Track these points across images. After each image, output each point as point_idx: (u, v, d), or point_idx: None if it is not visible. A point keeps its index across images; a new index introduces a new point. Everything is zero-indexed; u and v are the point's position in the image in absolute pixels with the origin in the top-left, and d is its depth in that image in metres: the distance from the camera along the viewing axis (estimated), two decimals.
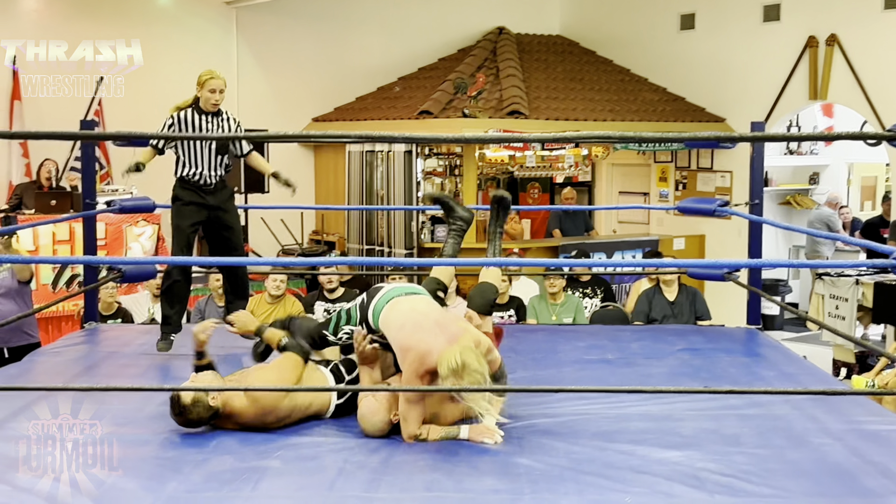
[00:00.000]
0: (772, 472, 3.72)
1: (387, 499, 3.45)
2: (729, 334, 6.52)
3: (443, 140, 3.39)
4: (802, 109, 11.72)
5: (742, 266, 6.40)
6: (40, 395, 4.59)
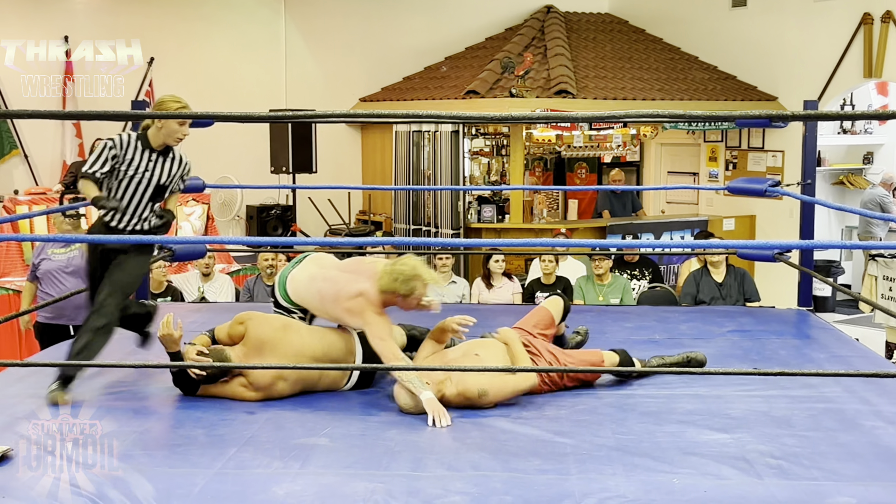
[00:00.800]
0: (822, 455, 3.68)
1: (433, 477, 3.47)
2: (779, 316, 6.44)
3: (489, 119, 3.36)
4: (856, 88, 11.50)
5: (792, 247, 6.31)
6: (98, 371, 4.70)
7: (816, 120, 6.47)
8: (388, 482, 3.41)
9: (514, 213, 10.60)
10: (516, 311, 7.02)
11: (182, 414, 4.26)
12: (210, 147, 10.57)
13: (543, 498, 3.26)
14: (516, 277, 8.13)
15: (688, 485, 3.39)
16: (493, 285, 7.79)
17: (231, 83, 11.51)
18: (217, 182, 9.65)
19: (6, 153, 10.50)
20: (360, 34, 12.38)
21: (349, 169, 12.19)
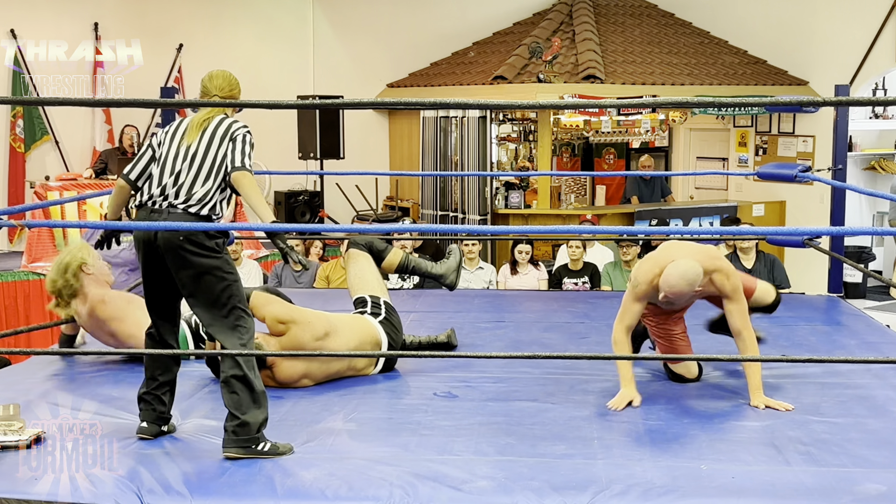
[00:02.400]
0: (852, 442, 3.65)
1: (460, 461, 3.48)
2: (809, 302, 6.40)
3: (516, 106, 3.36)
4: (889, 72, 11.33)
5: (822, 233, 6.26)
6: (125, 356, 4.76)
7: (847, 105, 6.41)
8: (414, 467, 3.42)
9: (541, 199, 10.58)
10: (541, 297, 7.03)
11: (210, 399, 4.30)
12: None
13: (569, 483, 3.26)
14: (543, 264, 8.11)
15: (715, 471, 3.38)
16: (518, 272, 7.79)
17: (259, 69, 11.53)
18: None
19: (38, 139, 10.60)
20: (387, 20, 12.36)
21: (376, 155, 12.19)
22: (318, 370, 4.42)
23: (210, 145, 3.62)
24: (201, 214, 3.59)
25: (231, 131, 3.65)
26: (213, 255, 3.54)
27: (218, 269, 3.55)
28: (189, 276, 3.54)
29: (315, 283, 7.65)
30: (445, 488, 3.24)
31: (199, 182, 3.59)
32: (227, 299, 3.58)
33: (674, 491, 3.20)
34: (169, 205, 3.58)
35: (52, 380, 4.61)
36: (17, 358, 5.80)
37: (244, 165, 3.58)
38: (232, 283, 3.60)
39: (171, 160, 3.63)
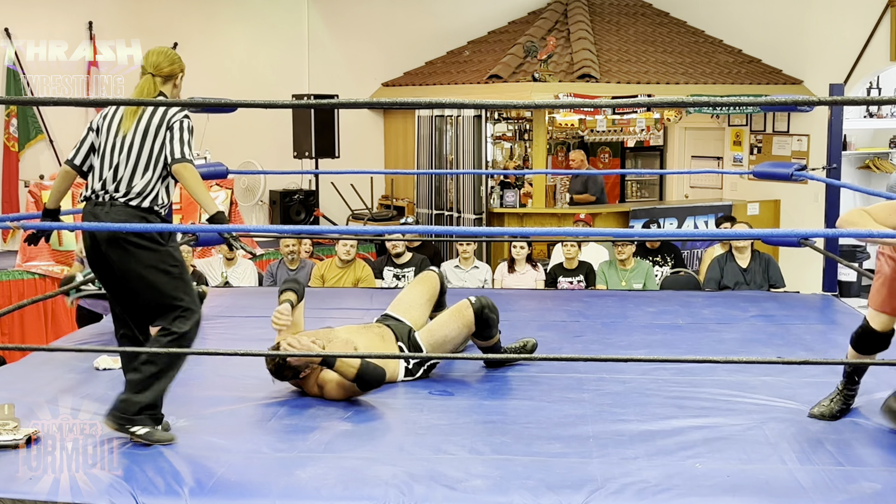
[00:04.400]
0: (847, 441, 3.66)
1: (455, 460, 3.48)
2: (804, 301, 6.41)
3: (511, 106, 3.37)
4: (883, 71, 11.35)
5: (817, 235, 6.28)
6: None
7: (841, 105, 6.42)
8: (410, 466, 3.42)
9: (536, 198, 10.58)
10: (536, 295, 7.03)
11: (204, 397, 4.30)
12: (233, 132, 10.61)
13: (565, 482, 3.26)
14: (540, 264, 8.11)
15: (710, 469, 3.38)
16: (515, 270, 7.79)
17: (254, 68, 11.52)
18: (240, 167, 9.69)
19: (32, 138, 10.57)
20: (382, 19, 12.35)
21: (372, 153, 12.18)
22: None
23: (146, 135, 3.60)
24: (143, 207, 3.58)
25: (167, 119, 3.62)
26: (157, 247, 3.53)
27: (164, 262, 3.55)
28: (133, 268, 3.53)
29: (310, 283, 7.64)
30: (441, 487, 3.24)
31: (139, 174, 3.57)
32: (172, 290, 3.57)
33: (669, 490, 3.21)
34: (110, 198, 3.58)
35: (52, 379, 4.60)
36: (12, 357, 5.79)
37: (184, 156, 3.57)
38: (177, 276, 3.59)
39: (109, 152, 3.62)
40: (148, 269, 3.52)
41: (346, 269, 7.55)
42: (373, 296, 6.77)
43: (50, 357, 4.94)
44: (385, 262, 7.83)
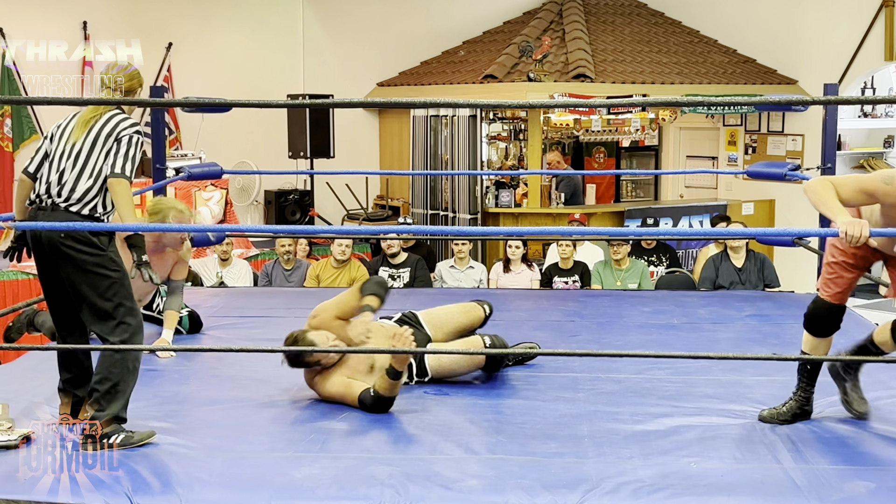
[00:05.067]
0: (841, 440, 3.67)
1: (450, 460, 3.49)
2: (799, 300, 6.41)
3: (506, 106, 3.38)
4: (878, 71, 11.38)
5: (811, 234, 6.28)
6: None
7: (836, 104, 6.43)
8: (405, 466, 3.43)
9: (531, 198, 10.59)
10: (531, 295, 7.04)
11: (200, 397, 4.29)
12: (228, 132, 10.61)
13: (560, 481, 3.27)
14: (536, 264, 8.11)
15: (705, 469, 3.39)
16: (511, 270, 7.79)
17: (248, 68, 11.51)
18: (235, 167, 9.68)
19: (26, 138, 10.56)
20: (377, 19, 12.34)
21: (367, 154, 12.17)
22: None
23: (95, 144, 3.63)
24: (82, 213, 3.61)
25: (117, 131, 3.65)
26: (97, 252, 3.55)
27: (102, 266, 3.56)
28: (73, 273, 3.56)
29: (305, 283, 7.64)
30: (436, 487, 3.24)
31: (82, 181, 3.61)
32: (112, 296, 3.58)
33: (664, 489, 3.21)
34: (52, 203, 3.61)
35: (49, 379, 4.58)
36: (6, 358, 5.77)
37: (123, 172, 3.59)
38: (117, 280, 3.60)
39: (57, 158, 3.66)
40: (87, 273, 3.55)
41: (342, 269, 7.56)
42: None
43: (46, 357, 4.93)
44: (380, 262, 7.83)
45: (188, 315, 5.40)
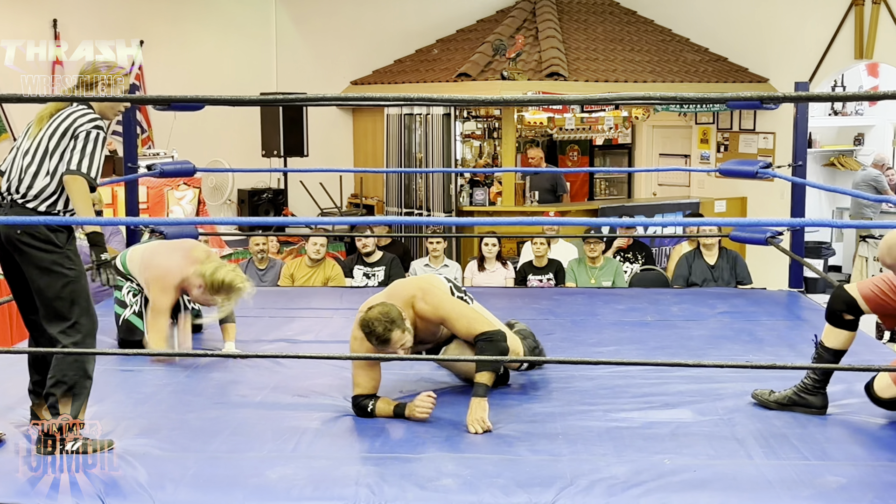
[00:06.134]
0: (811, 436, 3.70)
1: (425, 460, 3.48)
2: (771, 297, 6.47)
3: (481, 102, 3.37)
4: (847, 69, 11.49)
5: (784, 225, 6.33)
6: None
7: (806, 101, 6.49)
8: (380, 465, 3.42)
9: (506, 196, 10.61)
10: (506, 293, 7.04)
11: (173, 398, 4.27)
12: (200, 131, 10.54)
13: (535, 480, 3.27)
14: (510, 262, 8.13)
15: (678, 465, 3.41)
16: (485, 268, 7.80)
17: (221, 66, 11.45)
18: (208, 166, 9.62)
19: None
20: (350, 17, 12.31)
21: (341, 152, 12.14)
22: None
23: (51, 140, 3.61)
24: (39, 210, 3.59)
25: (74, 127, 3.61)
26: (54, 250, 3.53)
27: (58, 265, 3.53)
28: (30, 270, 3.54)
29: (279, 282, 7.61)
30: (411, 486, 3.24)
31: (40, 178, 3.59)
32: (68, 295, 3.55)
33: (638, 486, 3.22)
34: (11, 200, 3.60)
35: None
36: None
37: (79, 169, 3.54)
38: (73, 279, 3.57)
39: (21, 155, 3.65)
40: (43, 270, 3.53)
41: (316, 268, 7.53)
42: (342, 295, 6.76)
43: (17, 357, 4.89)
44: (355, 260, 7.81)
45: None
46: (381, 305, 3.90)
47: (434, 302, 4.10)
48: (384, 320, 3.82)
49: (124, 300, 5.10)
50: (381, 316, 3.83)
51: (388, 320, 3.83)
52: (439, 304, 4.10)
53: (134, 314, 5.03)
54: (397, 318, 3.86)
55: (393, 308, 3.90)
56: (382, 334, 3.82)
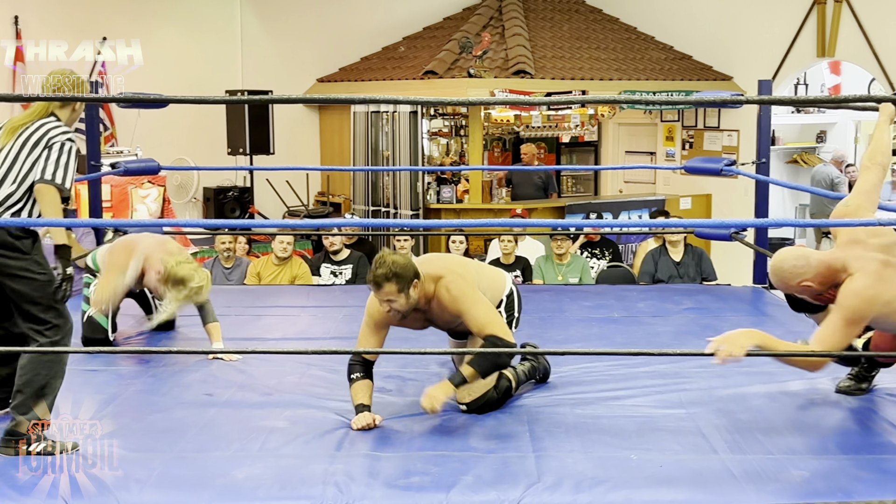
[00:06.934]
0: (776, 430, 3.74)
1: (393, 458, 3.48)
2: (735, 293, 6.53)
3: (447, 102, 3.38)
4: (810, 67, 11.62)
5: (748, 225, 6.39)
6: None
7: (768, 104, 6.57)
8: (347, 463, 3.41)
9: (473, 194, 10.62)
10: None
11: (138, 398, 4.23)
12: (165, 129, 10.45)
13: (502, 477, 3.28)
14: (477, 259, 8.13)
15: (645, 460, 3.43)
16: None
17: (185, 64, 11.35)
18: (173, 164, 9.54)
19: None
20: (316, 14, 12.26)
21: (307, 150, 12.10)
22: None
23: (22, 150, 3.58)
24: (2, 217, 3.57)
25: (48, 138, 3.59)
26: (21, 256, 3.52)
27: (28, 270, 3.53)
28: (2, 278, 3.53)
29: (246, 280, 7.57)
30: (379, 485, 3.23)
31: (5, 185, 3.56)
32: (41, 299, 3.55)
33: (605, 482, 3.24)
34: None
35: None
36: None
37: (52, 179, 3.53)
38: (45, 283, 3.56)
39: None
40: (13, 277, 3.51)
41: (283, 266, 7.50)
42: (309, 293, 6.73)
43: None
44: (322, 259, 7.78)
45: None
46: (406, 259, 3.75)
47: (456, 293, 3.90)
48: (391, 270, 3.69)
49: (91, 297, 5.05)
50: (392, 264, 3.69)
51: (394, 273, 3.69)
52: (460, 297, 3.90)
53: (97, 312, 4.98)
54: (405, 278, 3.71)
55: (412, 268, 3.73)
56: (377, 279, 3.71)
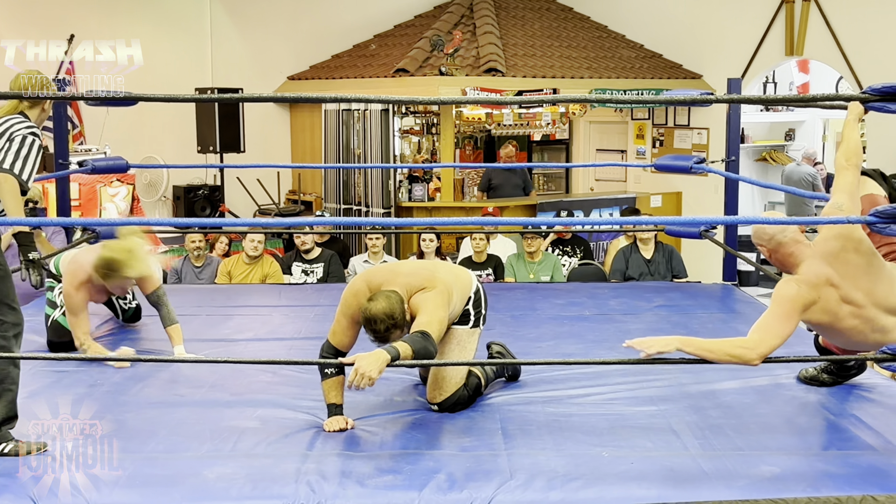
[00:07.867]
0: (746, 426, 3.77)
1: (365, 457, 3.48)
2: (705, 290, 6.57)
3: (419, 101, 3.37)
4: (778, 65, 11.72)
5: (718, 223, 6.42)
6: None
7: (737, 103, 6.62)
8: (320, 463, 3.41)
9: (444, 192, 10.62)
10: None
11: (108, 398, 4.20)
12: (135, 126, 10.37)
13: (474, 474, 3.29)
14: (449, 258, 8.14)
15: (616, 457, 3.45)
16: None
17: (155, 61, 11.20)
18: (142, 162, 9.46)
19: None
20: (287, 12, 12.21)
21: (278, 148, 12.04)
22: None
23: None
24: None
25: (10, 132, 3.66)
26: None
27: None
28: None
29: (216, 279, 7.53)
30: (351, 484, 3.23)
31: None
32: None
33: (577, 479, 3.25)
34: None
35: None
36: None
37: (11, 169, 3.61)
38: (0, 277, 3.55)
39: None
40: None
41: (254, 265, 7.46)
42: (281, 292, 6.71)
43: None
44: (293, 257, 7.75)
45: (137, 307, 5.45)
46: (386, 300, 3.74)
47: (421, 302, 3.88)
48: (388, 321, 3.71)
49: (55, 301, 5.02)
50: (385, 316, 3.70)
51: (392, 322, 3.72)
52: (423, 305, 3.88)
53: (63, 315, 4.94)
54: (399, 318, 3.75)
55: (398, 306, 3.75)
56: (382, 333, 3.73)
